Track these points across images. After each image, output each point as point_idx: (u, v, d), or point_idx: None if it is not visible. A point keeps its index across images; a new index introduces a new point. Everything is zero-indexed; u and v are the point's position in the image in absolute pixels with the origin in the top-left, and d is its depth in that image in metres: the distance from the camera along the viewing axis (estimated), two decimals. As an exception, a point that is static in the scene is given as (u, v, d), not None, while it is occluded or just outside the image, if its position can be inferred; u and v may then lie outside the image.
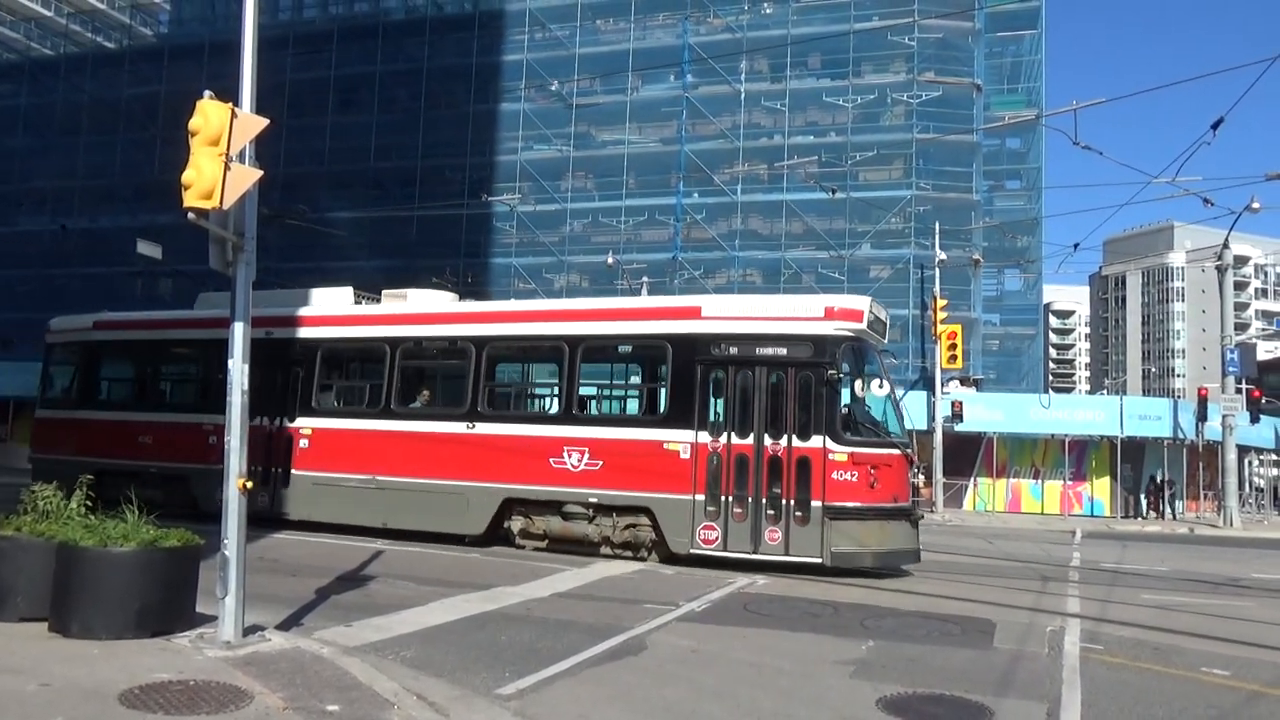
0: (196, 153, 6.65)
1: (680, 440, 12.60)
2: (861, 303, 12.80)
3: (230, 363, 7.30)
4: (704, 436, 12.53)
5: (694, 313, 13.20)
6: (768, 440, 12.26)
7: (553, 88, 44.47)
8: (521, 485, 13.63)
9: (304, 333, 15.80)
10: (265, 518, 14.59)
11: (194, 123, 6.71)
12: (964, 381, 36.21)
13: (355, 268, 44.96)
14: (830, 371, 12.15)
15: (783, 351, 12.45)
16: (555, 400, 14.42)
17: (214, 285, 20.61)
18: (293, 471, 15.31)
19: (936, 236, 34.23)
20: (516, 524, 13.91)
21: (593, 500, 13.12)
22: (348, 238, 42.05)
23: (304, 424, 15.41)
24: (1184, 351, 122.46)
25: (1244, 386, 36.28)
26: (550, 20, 45.21)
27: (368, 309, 16.08)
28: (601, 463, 12.99)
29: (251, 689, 5.95)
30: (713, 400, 12.70)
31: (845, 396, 12.76)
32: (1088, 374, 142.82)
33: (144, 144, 44.52)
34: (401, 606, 9.32)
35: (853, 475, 11.93)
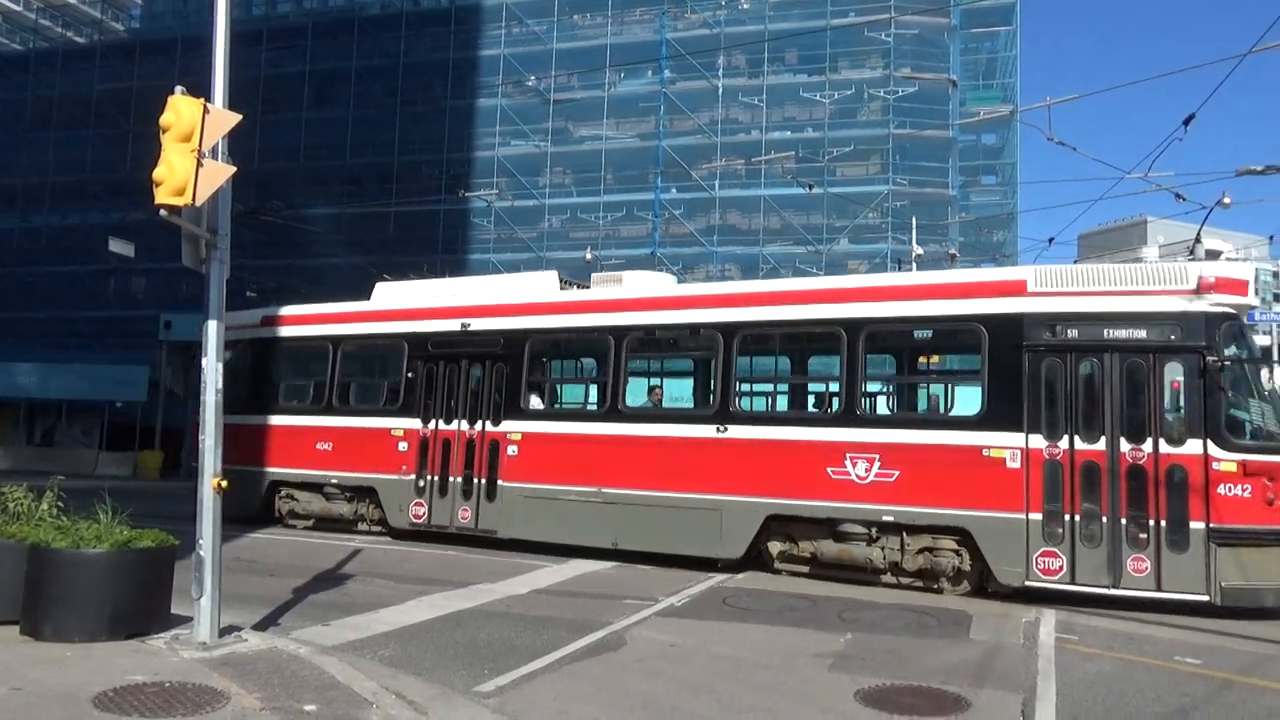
0: (168, 149, 6.57)
1: (1005, 445, 10.22)
2: (1245, 271, 10.31)
3: (204, 361, 7.23)
4: (1037, 440, 10.18)
5: (1017, 288, 10.67)
6: (1125, 445, 9.93)
7: (530, 83, 44.28)
8: (788, 500, 11.26)
9: (506, 324, 13.80)
10: (470, 536, 13.57)
11: (165, 118, 6.63)
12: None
13: (332, 265, 44.70)
14: (1210, 358, 9.79)
15: (1141, 334, 10.11)
16: (832, 397, 12.12)
17: (389, 274, 19.54)
18: (500, 483, 13.41)
19: (913, 232, 34.41)
20: (775, 546, 11.63)
21: (886, 519, 10.72)
22: (324, 234, 41.77)
23: (512, 428, 13.45)
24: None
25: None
26: (527, 15, 45.06)
27: (582, 295, 13.92)
28: (897, 473, 10.67)
29: (228, 690, 5.90)
30: (1046, 396, 10.33)
31: (1229, 390, 10.08)
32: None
33: (116, 140, 43.94)
34: (380, 605, 9.28)
35: (1245, 490, 9.54)
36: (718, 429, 11.79)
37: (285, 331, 16.33)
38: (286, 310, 17.05)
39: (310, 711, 5.61)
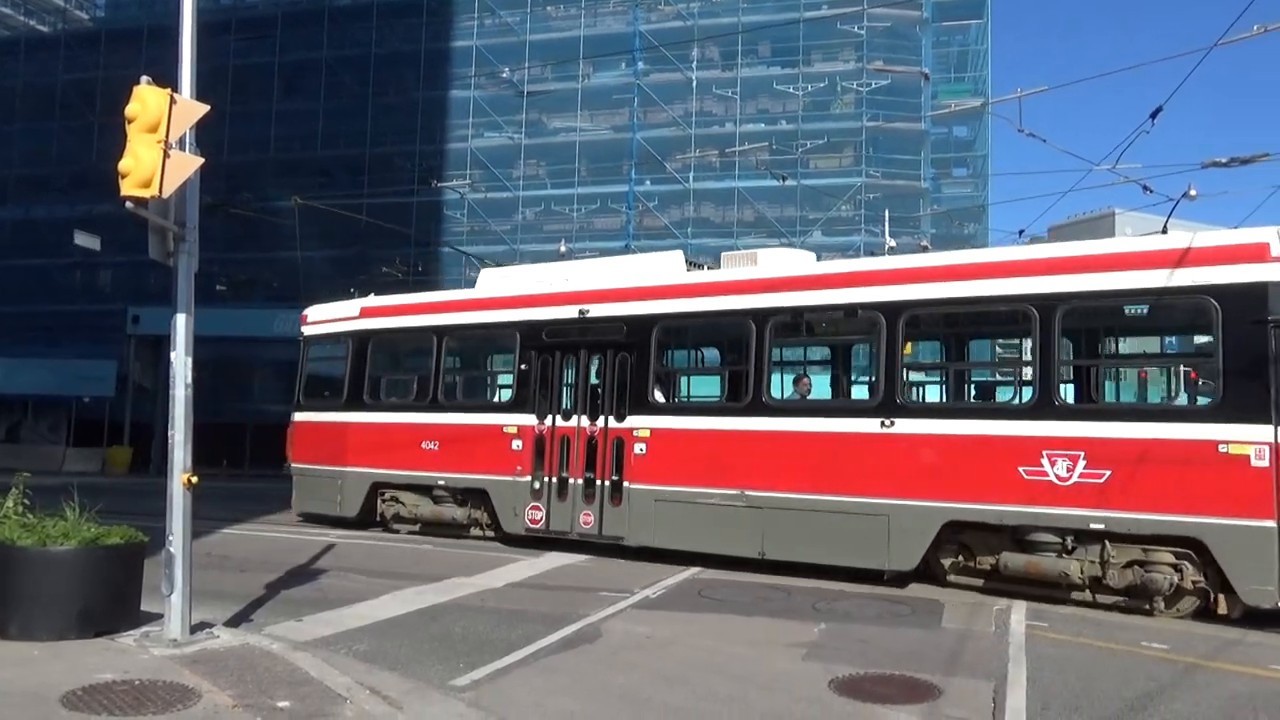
0: (134, 140, 6.48)
1: (1249, 439, 8.60)
2: None
3: (173, 355, 7.13)
4: None
5: (1257, 252, 8.94)
6: None
7: (503, 75, 44.07)
8: (969, 504, 9.77)
9: (629, 309, 12.50)
10: (593, 542, 12.40)
11: (131, 109, 6.53)
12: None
13: (304, 257, 44.22)
14: None
15: None
16: (1022, 385, 10.69)
17: (492, 261, 18.72)
18: (626, 484, 12.10)
19: (886, 224, 34.62)
20: (947, 557, 10.23)
21: (1094, 526, 9.17)
22: (294, 227, 41.34)
23: (639, 423, 12.14)
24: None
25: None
26: (500, 6, 44.79)
27: (715, 275, 12.52)
28: (1108, 473, 9.13)
29: (199, 687, 5.85)
30: None
31: None
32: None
33: (81, 131, 43.27)
34: (354, 600, 9.23)
35: None
36: (882, 423, 10.31)
37: (386, 323, 15.24)
38: (387, 300, 15.99)
39: (284, 708, 5.57)
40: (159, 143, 6.46)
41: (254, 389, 44.47)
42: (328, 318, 16.31)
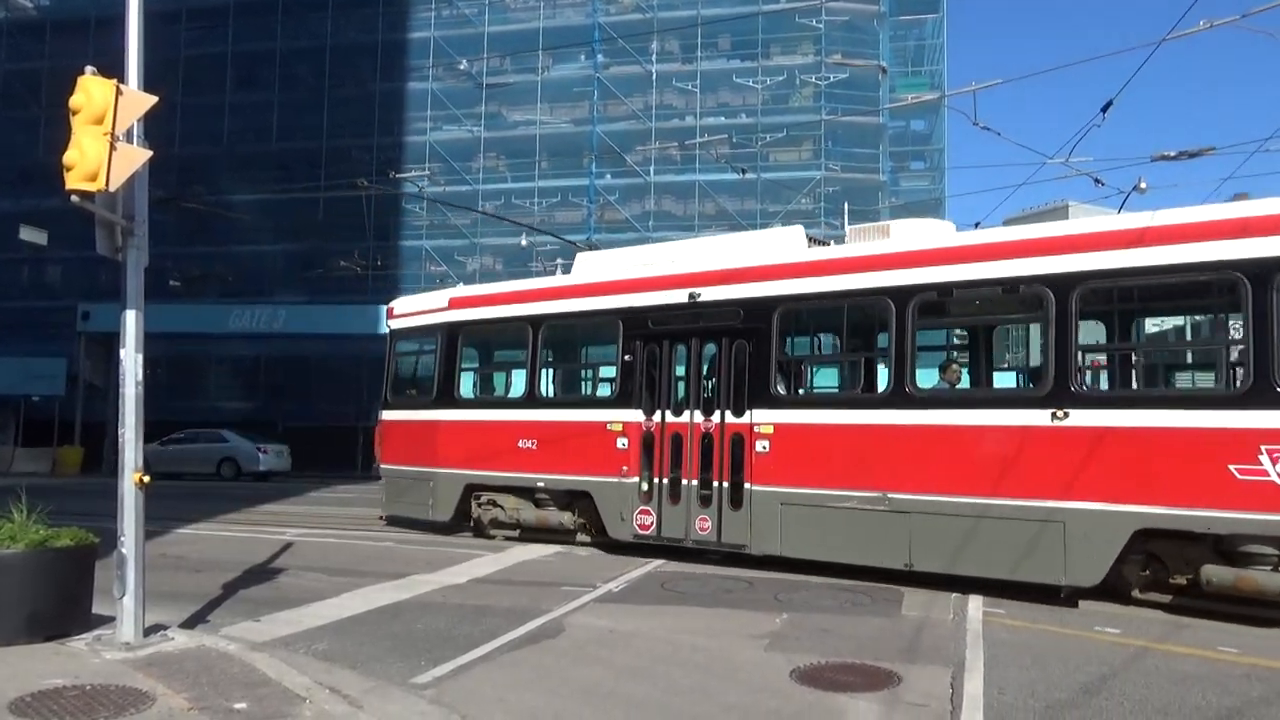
0: (79, 132, 6.32)
1: None
2: None
3: (123, 352, 6.97)
4: None
5: None
6: None
7: (461, 67, 43.71)
8: (1164, 509, 8.30)
9: (747, 291, 11.30)
10: (710, 550, 11.29)
11: (75, 100, 6.37)
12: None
13: (260, 252, 43.61)
14: None
15: None
16: (1233, 368, 9.28)
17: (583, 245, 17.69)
18: (748, 486, 10.91)
19: (845, 217, 34.86)
20: (1133, 570, 8.80)
21: None
22: (251, 221, 40.67)
23: (760, 418, 10.92)
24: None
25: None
26: (458, -3, 44.43)
27: (844, 251, 11.07)
28: None
29: (153, 690, 5.75)
30: None
31: None
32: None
33: (27, 124, 42.18)
34: (313, 599, 9.12)
35: None
36: (1054, 415, 8.92)
37: (476, 314, 14.19)
38: (478, 289, 15.16)
39: (240, 710, 5.49)
40: (105, 135, 6.30)
41: (210, 386, 43.77)
42: (415, 310, 15.41)
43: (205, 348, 39.97)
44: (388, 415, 15.56)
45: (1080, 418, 8.82)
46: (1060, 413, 8.90)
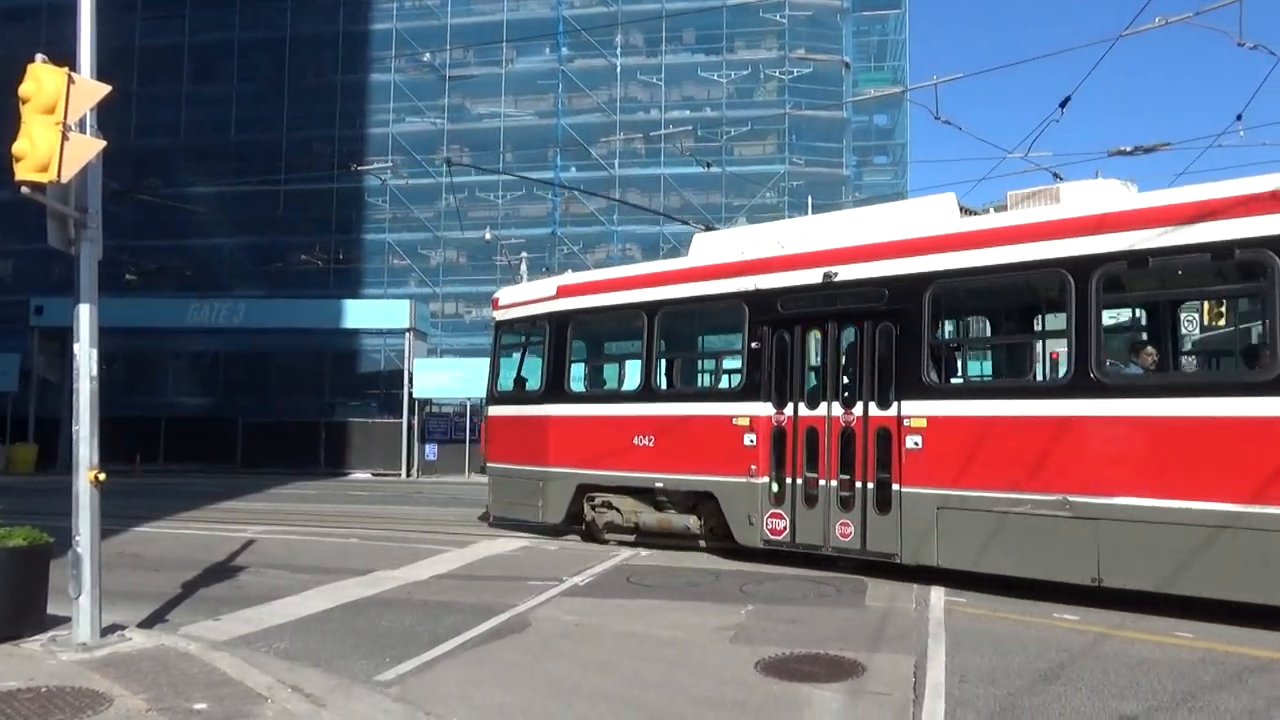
0: (29, 121, 6.16)
1: None
2: None
3: (76, 347, 6.82)
4: None
5: None
6: None
7: (425, 59, 43.32)
8: None
9: (892, 268, 9.99)
10: (854, 559, 10.19)
11: (25, 88, 6.21)
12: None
13: (218, 245, 42.93)
14: None
15: None
16: None
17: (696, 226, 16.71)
18: (897, 488, 9.64)
19: (809, 211, 35.10)
20: None
21: None
22: (208, 214, 40.03)
23: (912, 411, 9.65)
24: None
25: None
26: (420, -11, 44.04)
27: (1008, 219, 9.58)
28: None
29: (110, 691, 5.64)
30: None
31: None
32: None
33: (-25, 114, 41.16)
34: (275, 596, 9.02)
35: None
36: None
37: (587, 302, 13.19)
38: (587, 276, 14.19)
39: (200, 710, 5.41)
40: (56, 124, 6.15)
41: (168, 381, 43.04)
42: (520, 300, 14.50)
43: (162, 343, 39.28)
44: (494, 411, 14.79)
45: None
46: None
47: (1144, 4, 18.40)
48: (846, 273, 10.35)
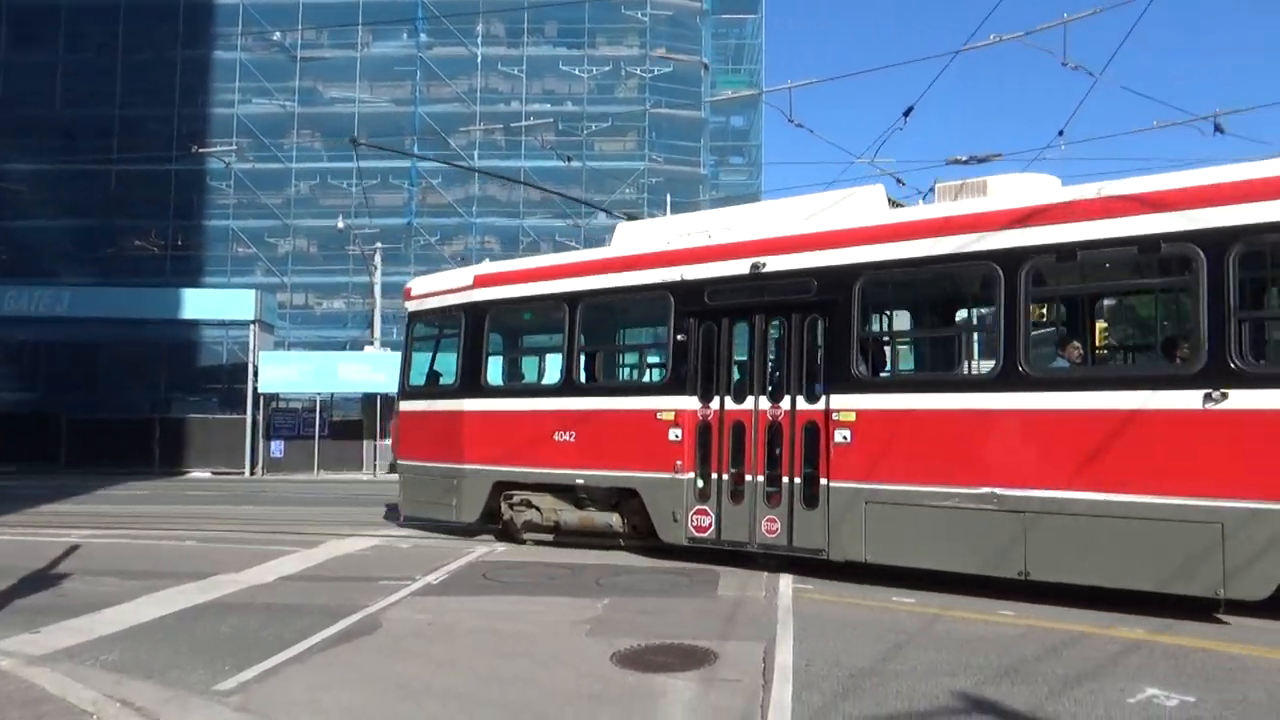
0: None
1: None
2: None
3: None
4: None
5: None
6: None
7: (274, 37, 41.42)
8: None
9: (822, 260, 9.82)
10: (780, 555, 9.91)
11: None
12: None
13: (40, 228, 39.74)
14: None
15: None
16: None
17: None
18: (825, 483, 9.49)
19: (668, 208, 35.61)
20: None
21: None
22: (28, 194, 36.99)
23: (840, 405, 9.47)
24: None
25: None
26: (269, -37, 42.10)
27: (940, 211, 9.50)
28: None
29: (-93, 715, 5.15)
30: None
31: None
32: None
33: None
34: (103, 605, 8.44)
35: None
36: (1208, 396, 7.53)
37: (505, 292, 12.69)
38: (506, 265, 13.65)
39: (14, 729, 5.01)
40: None
41: (-21, 374, 39.54)
42: (435, 290, 13.92)
43: (-26, 331, 36.10)
44: (406, 406, 14.19)
45: (1244, 399, 7.40)
46: (1217, 393, 7.50)
47: (982, 20, 19.60)
48: (775, 264, 10.18)
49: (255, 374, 30.35)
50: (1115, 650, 6.73)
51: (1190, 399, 7.58)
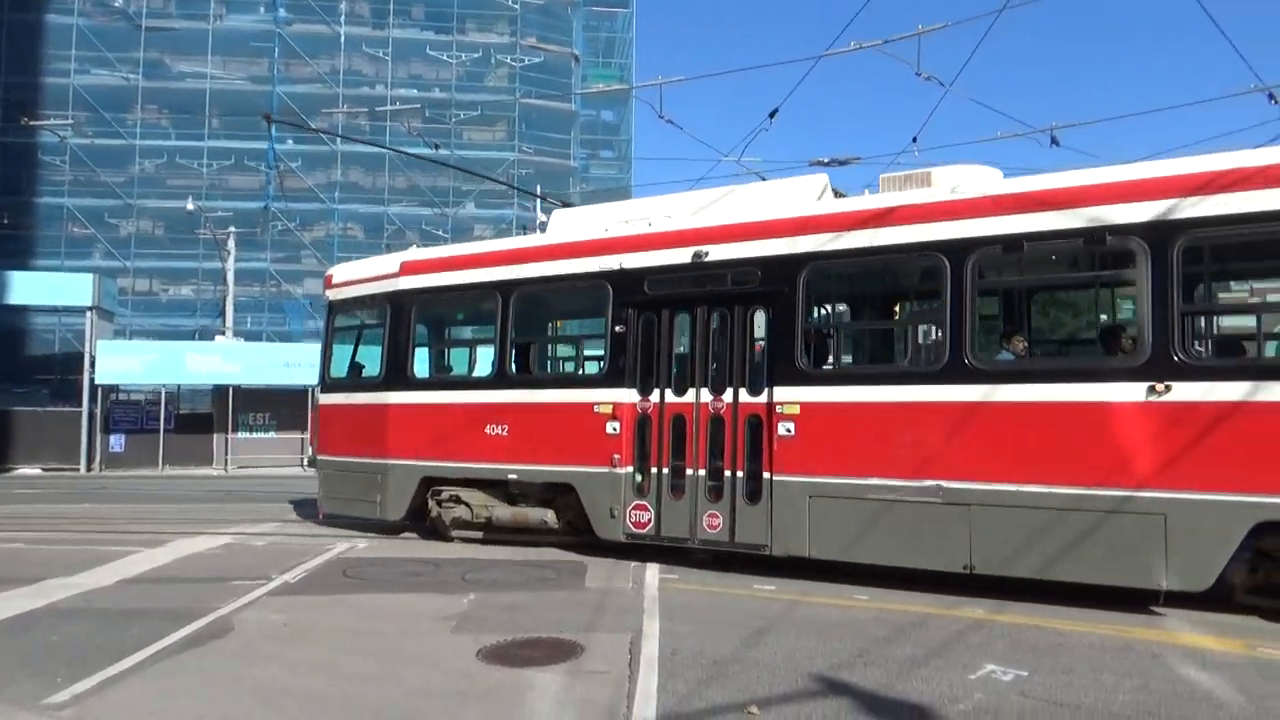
0: None
1: None
2: None
3: None
4: None
5: None
6: None
7: (116, 4, 38.83)
8: None
9: (766, 249, 9.59)
10: (722, 553, 9.68)
11: None
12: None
13: None
14: None
15: None
16: None
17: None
18: (768, 476, 9.29)
19: (539, 201, 35.41)
20: (1240, 571, 7.62)
21: None
22: None
23: (784, 397, 9.28)
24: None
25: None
26: (110, -76, 39.47)
27: (885, 201, 9.24)
28: None
29: None
30: None
31: None
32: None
33: None
34: (-86, 615, 7.73)
35: None
36: (1151, 388, 7.54)
37: (434, 280, 12.16)
38: (434, 252, 13.01)
39: None
40: None
41: None
42: (358, 278, 13.27)
43: None
44: (327, 399, 13.48)
45: (1186, 392, 7.46)
46: (1160, 386, 7.54)
47: (844, 27, 20.30)
48: (718, 253, 9.95)
49: (92, 364, 28.40)
50: (958, 630, 7.14)
51: (1134, 391, 7.62)
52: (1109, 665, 6.20)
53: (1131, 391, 7.64)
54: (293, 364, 29.70)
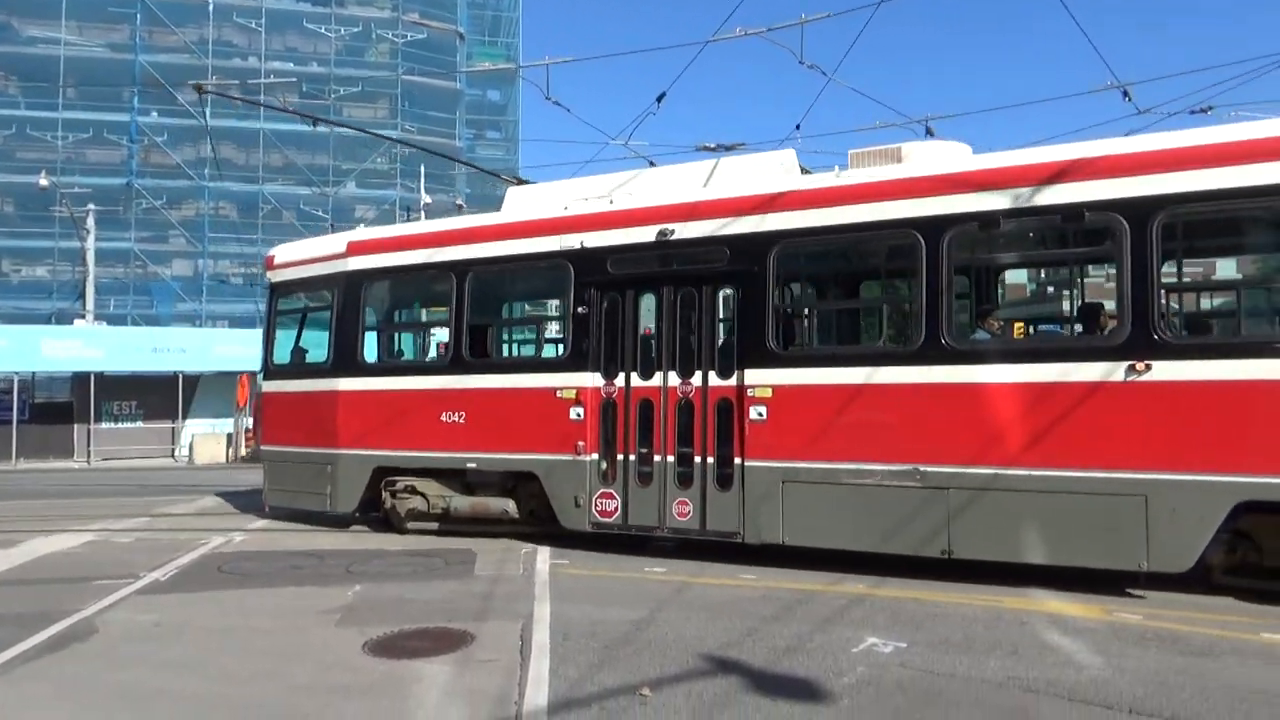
0: None
1: None
2: None
3: None
4: None
5: None
6: None
7: (-47, -40, 35.92)
8: (1275, 478, 6.99)
9: (735, 227, 9.25)
10: (693, 540, 9.38)
11: None
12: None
13: None
14: None
15: None
16: None
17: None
18: (740, 462, 9.02)
19: (422, 180, 34.61)
20: (1219, 552, 7.45)
21: None
22: None
23: (755, 380, 8.99)
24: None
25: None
26: (-54, -128, 36.43)
27: (857, 177, 8.95)
28: None
29: None
30: None
31: None
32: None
33: None
34: None
35: None
36: (1132, 367, 7.46)
37: (384, 261, 11.52)
38: (384, 231, 12.34)
39: None
40: None
41: None
42: (302, 258, 12.53)
43: None
44: (270, 387, 12.84)
45: (1167, 371, 7.39)
46: (1140, 365, 7.48)
47: (730, 12, 20.49)
48: (684, 231, 9.62)
49: (-66, 350, 26.34)
50: (841, 605, 7.37)
51: (1114, 371, 7.54)
52: (981, 635, 6.50)
53: (1111, 371, 7.57)
54: (161, 349, 28.29)
